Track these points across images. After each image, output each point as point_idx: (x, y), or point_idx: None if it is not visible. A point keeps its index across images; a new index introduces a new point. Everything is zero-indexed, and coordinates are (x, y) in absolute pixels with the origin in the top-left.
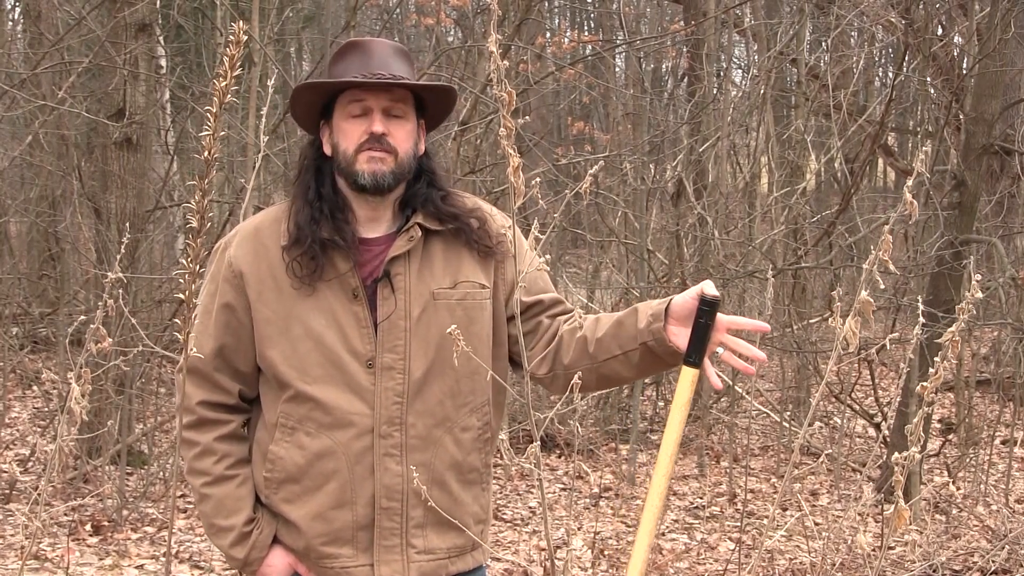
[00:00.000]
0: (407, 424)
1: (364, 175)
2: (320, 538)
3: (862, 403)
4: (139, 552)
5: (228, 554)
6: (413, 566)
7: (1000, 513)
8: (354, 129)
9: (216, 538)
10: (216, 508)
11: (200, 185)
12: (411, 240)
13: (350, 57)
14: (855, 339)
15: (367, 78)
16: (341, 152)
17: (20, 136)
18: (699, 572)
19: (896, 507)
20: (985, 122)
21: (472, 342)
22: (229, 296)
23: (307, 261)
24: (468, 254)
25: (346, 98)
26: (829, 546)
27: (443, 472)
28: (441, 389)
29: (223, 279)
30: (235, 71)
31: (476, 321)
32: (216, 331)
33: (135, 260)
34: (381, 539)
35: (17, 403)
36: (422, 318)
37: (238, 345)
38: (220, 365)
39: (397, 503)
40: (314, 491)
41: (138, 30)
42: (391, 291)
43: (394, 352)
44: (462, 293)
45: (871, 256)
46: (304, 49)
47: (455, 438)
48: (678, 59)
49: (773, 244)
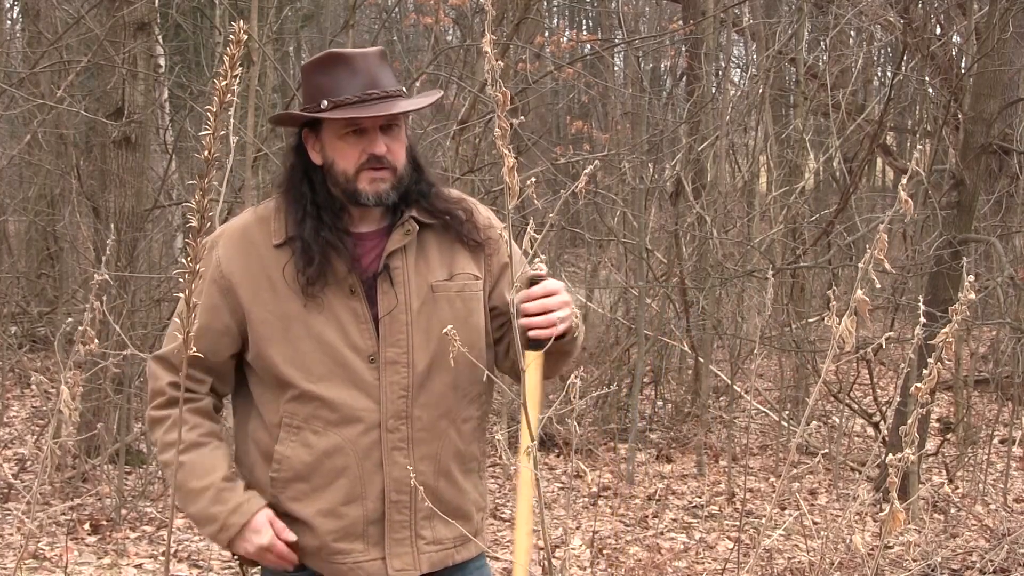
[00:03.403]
0: (413, 417)
1: (367, 195)
2: (332, 534)
3: (861, 402)
4: (138, 551)
5: (205, 517)
6: (423, 557)
7: (998, 512)
8: (351, 149)
9: (191, 505)
10: (189, 472)
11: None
12: (408, 234)
13: (335, 72)
14: (851, 338)
15: (364, 99)
16: (340, 171)
17: (19, 135)
18: (698, 571)
19: (891, 508)
20: (984, 121)
21: (471, 334)
22: (215, 298)
23: (309, 269)
24: (460, 246)
25: (339, 119)
26: (828, 545)
27: (448, 463)
28: (444, 381)
29: (210, 279)
30: (235, 70)
31: (474, 312)
32: (195, 330)
33: (134, 259)
34: (392, 532)
35: (16, 402)
36: (422, 311)
37: (215, 346)
38: (195, 364)
39: (406, 496)
40: (323, 488)
41: (137, 29)
42: (390, 285)
43: (397, 346)
44: (460, 285)
45: (867, 255)
46: (303, 48)
47: (458, 429)
48: (677, 58)
49: (772, 243)
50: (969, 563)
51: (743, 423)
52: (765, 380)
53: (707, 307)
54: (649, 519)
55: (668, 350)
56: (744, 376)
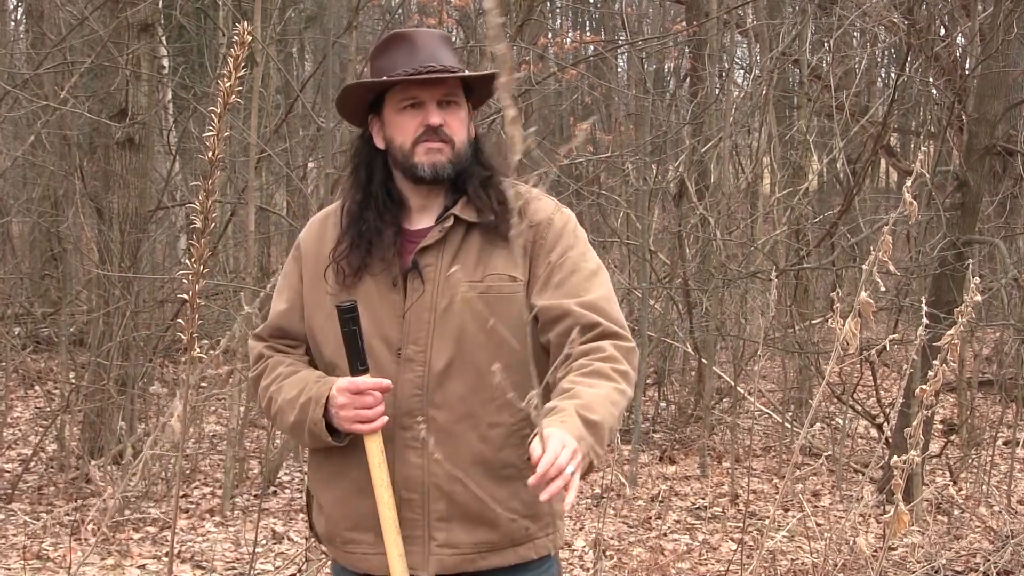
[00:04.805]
0: (428, 417)
1: (423, 167)
2: (344, 522)
3: (864, 404)
4: (141, 552)
5: (300, 410)
6: (433, 559)
7: (1002, 514)
8: (408, 122)
9: (291, 413)
10: (287, 389)
11: (205, 185)
12: (441, 231)
13: (395, 50)
14: (855, 340)
15: (419, 72)
16: (397, 146)
17: (23, 136)
18: (701, 573)
19: (896, 510)
20: (987, 123)
21: (497, 336)
22: (294, 277)
23: (352, 259)
24: (504, 246)
25: (398, 93)
26: (831, 547)
27: (467, 467)
28: (464, 384)
29: (292, 259)
30: (239, 72)
31: (502, 315)
32: (284, 310)
33: (137, 260)
34: (404, 530)
35: (19, 403)
36: (448, 311)
37: (299, 325)
38: (281, 336)
39: (418, 495)
40: (338, 476)
41: (140, 30)
42: (420, 282)
43: (416, 344)
44: (486, 287)
45: (871, 257)
46: (306, 49)
47: (481, 434)
48: (680, 59)
49: (775, 245)
50: (973, 565)
51: (746, 424)
52: (768, 381)
53: (710, 308)
54: (652, 520)
55: (671, 351)
56: (747, 377)
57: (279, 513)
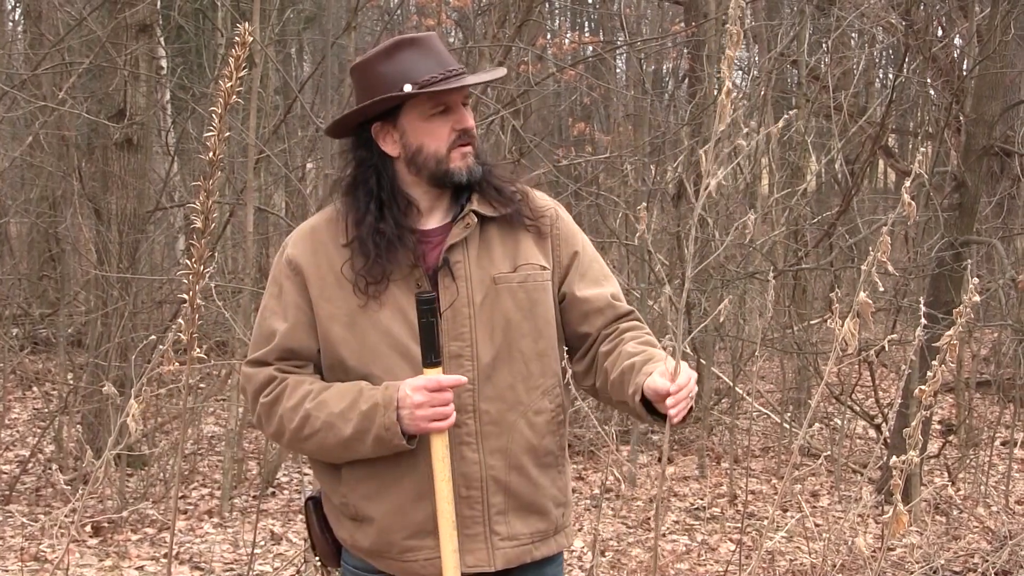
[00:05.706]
0: (480, 411)
1: (460, 172)
2: (402, 532)
3: (863, 404)
4: (139, 553)
5: (364, 418)
6: (498, 553)
7: (1000, 515)
8: (440, 128)
9: (345, 426)
10: (328, 402)
11: (205, 185)
12: (467, 227)
13: (409, 56)
14: (854, 340)
15: (447, 76)
16: (430, 153)
17: (21, 137)
18: (700, 573)
19: (894, 511)
20: (985, 123)
21: (538, 324)
22: (294, 295)
23: (366, 268)
24: (525, 236)
25: (426, 99)
26: (829, 547)
27: (520, 456)
28: (511, 373)
29: (284, 277)
30: (239, 72)
31: (539, 303)
32: (287, 329)
33: (135, 261)
34: (464, 528)
35: (17, 404)
36: (484, 303)
37: (308, 340)
38: (288, 357)
39: (477, 491)
40: (391, 486)
41: (139, 31)
42: (452, 279)
43: (460, 340)
44: (523, 276)
45: (869, 258)
46: (305, 50)
47: (529, 421)
48: (679, 60)
49: (774, 245)
50: (971, 565)
51: (745, 425)
52: (767, 382)
53: (709, 309)
54: (651, 521)
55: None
56: (746, 378)
57: (277, 514)
